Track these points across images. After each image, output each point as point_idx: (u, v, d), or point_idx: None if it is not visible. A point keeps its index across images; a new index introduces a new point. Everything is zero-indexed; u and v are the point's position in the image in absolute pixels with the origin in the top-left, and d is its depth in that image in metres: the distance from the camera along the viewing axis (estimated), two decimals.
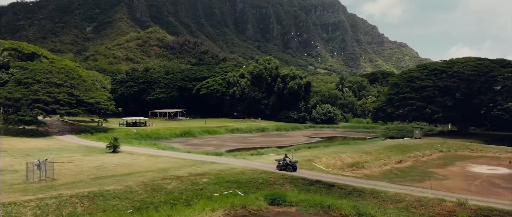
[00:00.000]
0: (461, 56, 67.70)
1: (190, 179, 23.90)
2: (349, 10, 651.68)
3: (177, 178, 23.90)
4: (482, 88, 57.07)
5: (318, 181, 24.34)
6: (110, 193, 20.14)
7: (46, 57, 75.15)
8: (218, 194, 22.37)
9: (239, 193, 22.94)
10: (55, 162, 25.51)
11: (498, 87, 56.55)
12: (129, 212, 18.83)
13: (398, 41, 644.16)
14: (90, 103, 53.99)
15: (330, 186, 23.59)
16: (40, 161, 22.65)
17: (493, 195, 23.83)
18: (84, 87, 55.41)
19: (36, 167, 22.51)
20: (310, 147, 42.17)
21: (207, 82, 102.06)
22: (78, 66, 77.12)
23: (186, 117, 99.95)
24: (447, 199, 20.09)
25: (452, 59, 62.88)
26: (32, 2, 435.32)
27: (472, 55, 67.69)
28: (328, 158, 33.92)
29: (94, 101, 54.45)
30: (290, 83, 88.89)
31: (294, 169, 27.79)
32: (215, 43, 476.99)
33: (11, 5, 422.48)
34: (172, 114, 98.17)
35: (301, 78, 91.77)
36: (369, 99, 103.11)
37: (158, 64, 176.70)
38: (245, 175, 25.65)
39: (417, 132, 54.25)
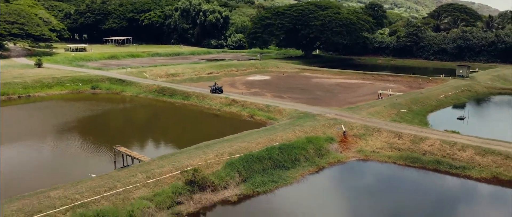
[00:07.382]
0: None
1: (59, 78, 49.92)
2: None
3: (53, 78, 49.88)
4: (303, 25, 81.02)
5: (120, 79, 50.55)
6: (15, 83, 46.28)
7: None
8: (68, 84, 48.63)
9: (80, 84, 49.19)
10: None
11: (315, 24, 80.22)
12: (21, 89, 45.12)
13: None
14: (36, 35, 78.49)
15: (123, 81, 49.87)
16: None
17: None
18: (32, 24, 79.24)
19: None
20: (165, 65, 67.56)
21: (149, 14, 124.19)
22: (36, 4, 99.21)
23: (133, 43, 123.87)
24: (159, 85, 46.35)
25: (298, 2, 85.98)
26: None
27: None
28: (158, 70, 59.62)
29: (40, 33, 78.93)
30: (209, 17, 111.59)
31: (221, 91, 40.45)
32: None
33: None
34: (120, 41, 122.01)
35: (220, 13, 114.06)
36: None
37: None
38: (91, 77, 51.63)
39: (258, 56, 79.67)
